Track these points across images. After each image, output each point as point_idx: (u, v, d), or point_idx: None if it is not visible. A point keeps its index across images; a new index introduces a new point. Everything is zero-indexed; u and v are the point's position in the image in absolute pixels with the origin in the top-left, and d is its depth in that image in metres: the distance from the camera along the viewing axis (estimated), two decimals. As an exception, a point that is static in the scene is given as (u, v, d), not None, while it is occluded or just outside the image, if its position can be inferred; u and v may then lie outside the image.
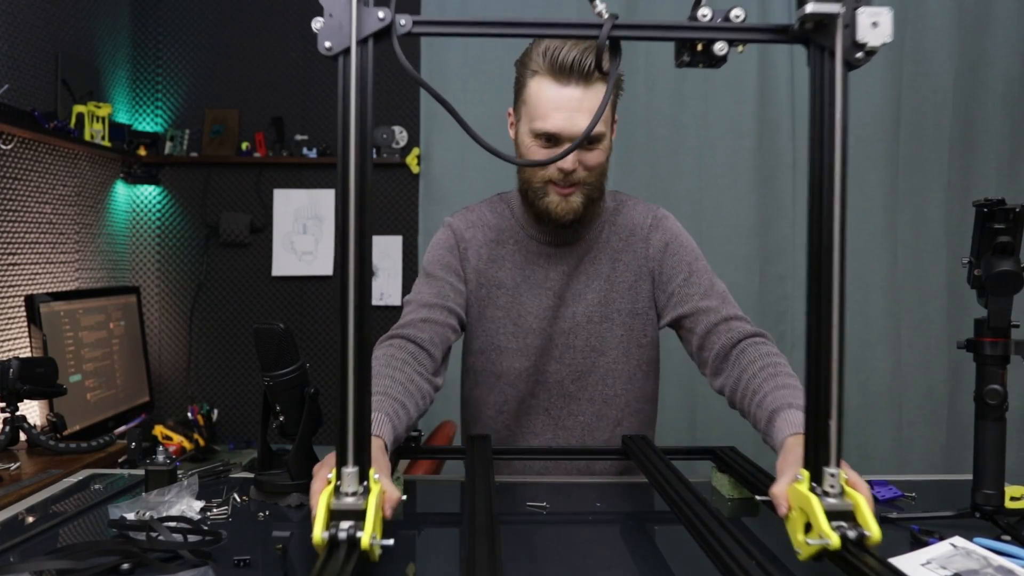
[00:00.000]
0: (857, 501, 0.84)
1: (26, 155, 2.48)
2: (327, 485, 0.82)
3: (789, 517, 0.89)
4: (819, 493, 0.85)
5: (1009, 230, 1.03)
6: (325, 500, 0.80)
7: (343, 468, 0.81)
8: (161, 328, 3.25)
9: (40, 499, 1.15)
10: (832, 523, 0.82)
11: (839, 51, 0.82)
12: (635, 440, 1.30)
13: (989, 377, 1.04)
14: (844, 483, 0.86)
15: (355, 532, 0.78)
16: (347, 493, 0.80)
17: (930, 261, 2.88)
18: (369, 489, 0.82)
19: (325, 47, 0.82)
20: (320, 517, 0.79)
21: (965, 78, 2.86)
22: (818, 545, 0.81)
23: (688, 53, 0.86)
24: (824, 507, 0.83)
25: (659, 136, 2.91)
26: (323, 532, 0.78)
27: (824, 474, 0.85)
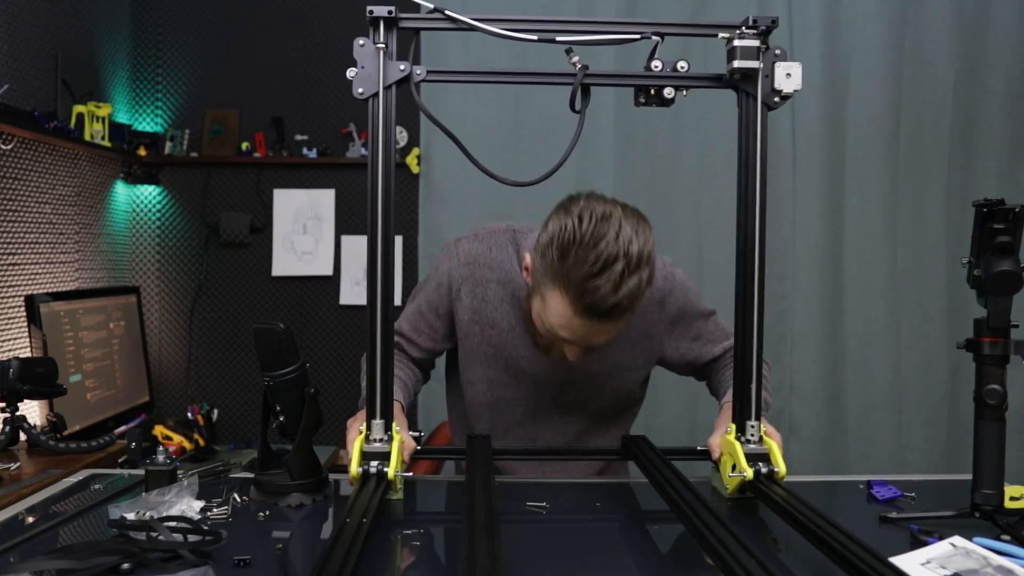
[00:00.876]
0: (771, 445, 1.12)
1: (26, 155, 2.48)
2: (359, 435, 1.09)
3: (721, 461, 1.17)
4: (742, 441, 1.13)
5: (1009, 230, 1.03)
6: (359, 444, 1.07)
7: (372, 420, 1.09)
8: (161, 328, 3.25)
9: (40, 499, 1.15)
10: (751, 463, 1.09)
11: (759, 96, 1.10)
12: (635, 440, 1.30)
13: (989, 377, 1.04)
14: (763, 434, 1.13)
15: (383, 468, 1.05)
16: (375, 439, 1.09)
17: (930, 261, 2.88)
18: (392, 437, 1.09)
19: (358, 92, 1.08)
20: (355, 457, 1.06)
21: (965, 78, 2.86)
22: (738, 477, 1.09)
23: (644, 96, 1.14)
24: (745, 450, 1.11)
25: (659, 136, 2.91)
26: (358, 468, 1.05)
27: (746, 426, 1.13)
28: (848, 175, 2.89)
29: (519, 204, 2.77)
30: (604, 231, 1.09)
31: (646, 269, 1.10)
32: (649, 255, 1.11)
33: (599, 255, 1.07)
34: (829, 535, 0.84)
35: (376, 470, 1.04)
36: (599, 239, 1.08)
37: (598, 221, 1.10)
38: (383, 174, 1.07)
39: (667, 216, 2.89)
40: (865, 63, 2.84)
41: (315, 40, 3.17)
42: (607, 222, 1.10)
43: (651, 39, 1.09)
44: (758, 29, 1.07)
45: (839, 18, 2.84)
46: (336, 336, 3.21)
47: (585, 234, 1.09)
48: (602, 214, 1.11)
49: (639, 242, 1.09)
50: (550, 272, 1.13)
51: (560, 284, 1.11)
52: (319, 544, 0.99)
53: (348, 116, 3.17)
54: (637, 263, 1.09)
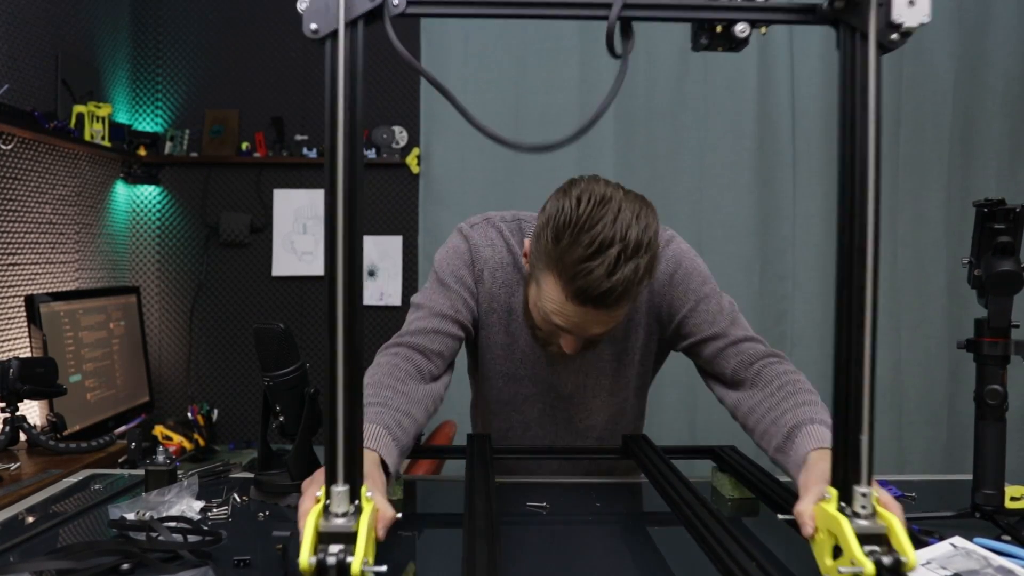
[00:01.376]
0: (891, 523, 0.77)
1: (26, 155, 2.48)
2: (316, 504, 0.75)
3: (816, 539, 0.83)
4: (849, 514, 0.78)
5: (1009, 230, 1.03)
6: (313, 521, 0.74)
7: (332, 487, 0.75)
8: (161, 328, 3.25)
9: (40, 499, 1.15)
10: (864, 547, 0.75)
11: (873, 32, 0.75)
12: (635, 440, 1.30)
13: (989, 377, 1.04)
14: (875, 502, 0.78)
15: (345, 557, 0.72)
16: (337, 514, 0.74)
17: (930, 261, 2.88)
18: (361, 509, 0.75)
19: (311, 29, 0.74)
20: (307, 540, 0.73)
21: (965, 78, 2.86)
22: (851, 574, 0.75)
23: (707, 36, 0.79)
24: (855, 529, 0.76)
25: (659, 136, 2.91)
26: (311, 557, 0.72)
27: (855, 493, 0.78)
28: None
29: (520, 203, 2.76)
30: (601, 214, 1.03)
31: (645, 256, 1.03)
32: (650, 242, 1.04)
33: (594, 238, 1.02)
34: None
35: (336, 559, 0.71)
36: (596, 222, 1.02)
37: (596, 204, 1.04)
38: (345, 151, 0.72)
39: (667, 216, 2.85)
40: (865, 63, 2.84)
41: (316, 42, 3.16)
42: (606, 205, 1.04)
43: None
44: None
45: (839, 18, 2.84)
46: (336, 336, 3.20)
47: (581, 216, 1.03)
48: (601, 197, 1.05)
49: (639, 227, 1.03)
50: (544, 255, 1.08)
51: (553, 267, 1.06)
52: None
53: (348, 116, 3.17)
54: (635, 249, 1.02)
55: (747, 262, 2.90)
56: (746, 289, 2.87)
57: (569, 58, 2.91)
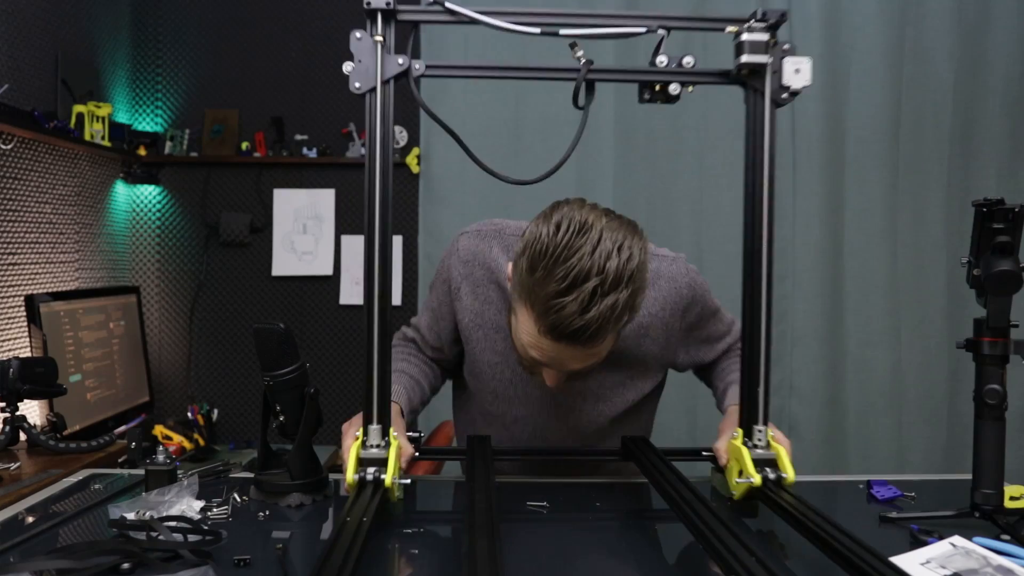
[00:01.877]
0: (779, 450, 1.07)
1: (26, 155, 2.48)
2: (356, 440, 1.04)
3: (728, 467, 1.12)
4: (749, 446, 1.08)
5: (1008, 230, 1.03)
6: (355, 450, 1.02)
7: (369, 425, 1.04)
8: (161, 328, 3.25)
9: (40, 499, 1.15)
10: (758, 468, 1.05)
11: (768, 93, 1.06)
12: (635, 441, 1.30)
13: (989, 377, 1.04)
14: (770, 438, 1.08)
15: (379, 475, 1.00)
16: (372, 445, 1.03)
17: (930, 261, 2.88)
18: (390, 443, 1.04)
19: (355, 87, 1.02)
20: (351, 463, 1.01)
21: (965, 78, 2.86)
22: (745, 483, 1.04)
23: (648, 92, 1.10)
24: (752, 456, 1.06)
25: (659, 136, 2.91)
26: (354, 475, 1.00)
27: (753, 430, 1.09)
28: (848, 175, 2.89)
29: (519, 204, 2.77)
30: (579, 244, 0.97)
31: (626, 290, 0.97)
32: (632, 275, 0.98)
33: (569, 270, 0.96)
34: (832, 537, 0.84)
35: (373, 477, 1.00)
36: (572, 253, 0.96)
37: (575, 232, 0.98)
38: (381, 172, 1.03)
39: (667, 216, 2.89)
40: (865, 63, 2.84)
41: (315, 40, 3.17)
42: (585, 234, 0.98)
43: (657, 33, 1.07)
44: (767, 23, 1.03)
45: (839, 18, 2.84)
46: (336, 336, 3.21)
47: (558, 245, 0.97)
48: (581, 224, 0.99)
49: (619, 259, 0.97)
50: (519, 285, 1.03)
51: (527, 299, 1.01)
52: (319, 544, 0.99)
53: (348, 116, 3.17)
54: (615, 283, 0.96)
55: (747, 262, 2.90)
56: (746, 289, 2.87)
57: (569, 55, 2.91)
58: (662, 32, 1.06)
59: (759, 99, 1.07)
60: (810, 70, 1.04)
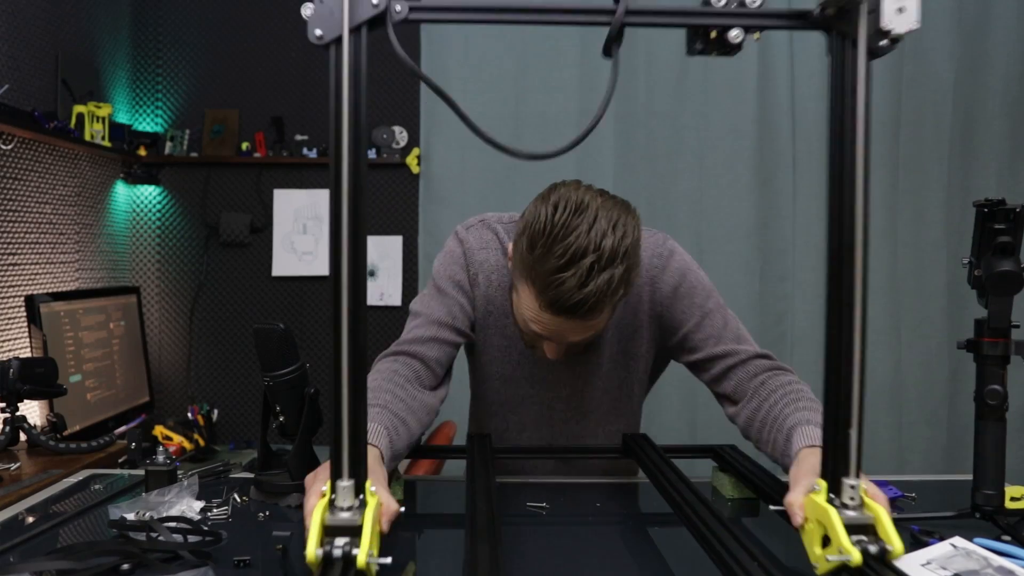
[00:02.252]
0: (878, 513, 0.80)
1: (26, 155, 2.48)
2: (321, 499, 0.78)
3: (805, 529, 0.86)
4: (837, 505, 0.81)
5: (1009, 230, 1.03)
6: (319, 515, 0.77)
7: (338, 481, 0.77)
8: (161, 328, 3.25)
9: (40, 499, 1.15)
10: (852, 537, 0.78)
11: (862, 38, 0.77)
12: (635, 439, 1.30)
13: (989, 377, 1.04)
14: (863, 494, 0.82)
15: (351, 549, 0.75)
16: (342, 507, 0.77)
17: (930, 261, 2.88)
18: (365, 503, 0.78)
19: (316, 35, 0.76)
20: (314, 534, 0.76)
21: (965, 78, 2.86)
22: (838, 561, 0.78)
23: (701, 41, 0.82)
24: (843, 520, 0.79)
25: (659, 136, 2.91)
26: (317, 549, 0.75)
27: (843, 485, 0.81)
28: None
29: (519, 204, 2.75)
30: (576, 223, 1.02)
31: (621, 266, 1.02)
32: (627, 252, 1.03)
33: (567, 247, 1.01)
34: None
35: (342, 551, 0.74)
36: (570, 231, 1.01)
37: (572, 212, 1.02)
38: (350, 156, 0.75)
39: (667, 216, 2.89)
40: (865, 63, 2.84)
41: (315, 40, 3.16)
42: (581, 214, 1.02)
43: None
44: None
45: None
46: (336, 336, 3.20)
47: (556, 224, 1.02)
48: (577, 204, 1.03)
49: (615, 237, 1.01)
50: (520, 263, 1.08)
51: (528, 276, 1.06)
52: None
53: (348, 116, 3.17)
54: (610, 260, 1.01)
55: (747, 262, 2.90)
56: (746, 289, 2.87)
57: (569, 60, 2.91)
58: None
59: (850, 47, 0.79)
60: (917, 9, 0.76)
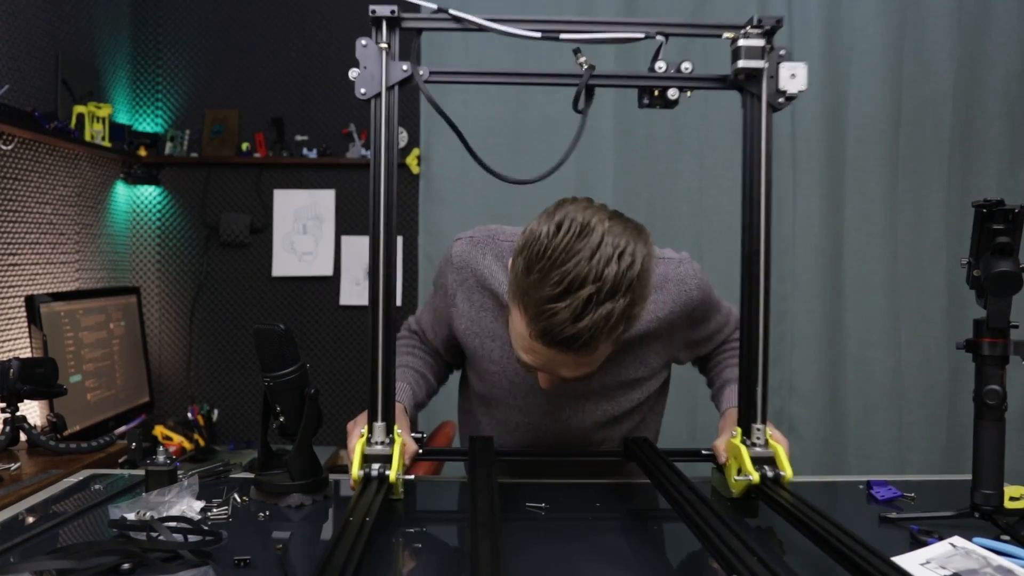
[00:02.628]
0: (777, 449, 1.09)
1: (26, 155, 2.48)
2: (360, 438, 1.07)
3: (727, 465, 1.14)
4: (748, 444, 1.10)
5: (1008, 231, 1.03)
6: (360, 447, 1.06)
7: (374, 423, 1.07)
8: (161, 328, 3.25)
9: (40, 499, 1.15)
10: (756, 466, 1.07)
11: (764, 97, 1.09)
12: (637, 442, 1.29)
13: (988, 377, 1.04)
14: (768, 437, 1.10)
15: (384, 471, 1.04)
16: (377, 442, 1.07)
17: (930, 261, 2.88)
18: (394, 440, 1.07)
19: (361, 93, 1.06)
20: (356, 460, 1.04)
21: (965, 78, 2.86)
22: (744, 481, 1.06)
23: (647, 97, 1.14)
24: (751, 454, 1.09)
25: (659, 136, 2.91)
26: (359, 471, 1.03)
27: (752, 429, 1.11)
28: (848, 175, 2.89)
29: (519, 205, 2.77)
30: (578, 248, 0.92)
31: (623, 299, 0.93)
32: (632, 283, 0.94)
33: (565, 274, 0.91)
34: (833, 536, 0.84)
35: (378, 473, 1.03)
36: (570, 256, 0.92)
37: (575, 235, 0.93)
38: (385, 175, 1.07)
39: (667, 216, 2.89)
40: (865, 63, 2.84)
41: (315, 40, 3.17)
42: (585, 237, 0.93)
43: (655, 39, 1.09)
44: (763, 29, 1.06)
45: (839, 18, 2.84)
46: (336, 336, 3.21)
47: (557, 247, 0.93)
48: (582, 225, 0.94)
49: (620, 266, 0.92)
50: (514, 284, 0.99)
51: (520, 301, 0.97)
52: (319, 544, 0.99)
53: (348, 116, 3.18)
54: (612, 291, 0.92)
55: (747, 262, 2.90)
56: (746, 289, 2.87)
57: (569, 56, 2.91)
58: (660, 39, 1.09)
59: (756, 103, 1.10)
60: (806, 75, 1.08)
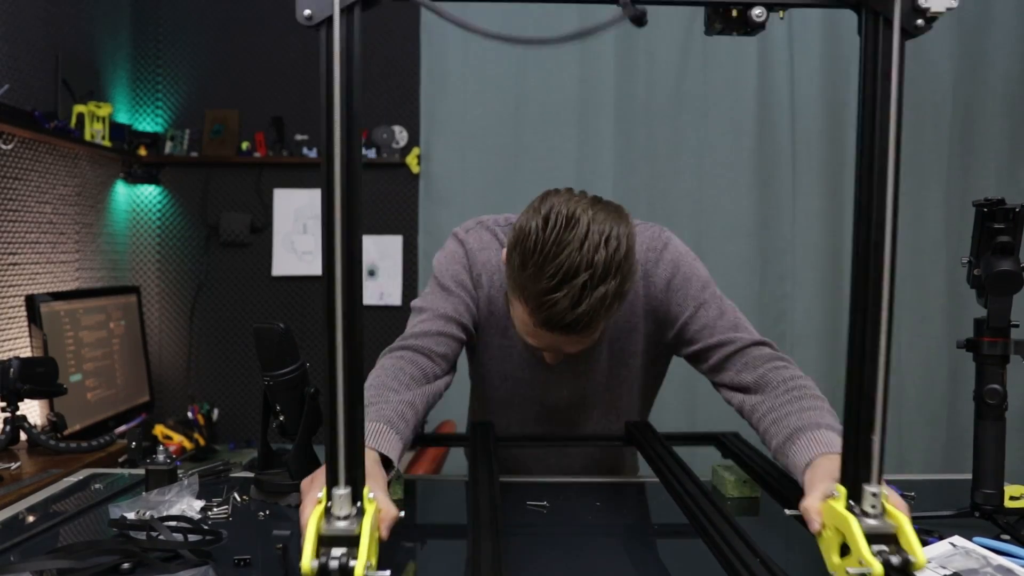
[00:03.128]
0: (900, 522, 0.75)
1: (26, 155, 2.48)
2: (317, 506, 0.74)
3: (823, 536, 0.82)
4: (858, 513, 0.77)
5: (1009, 230, 1.03)
6: (315, 524, 0.73)
7: (334, 489, 0.73)
8: (161, 328, 3.25)
9: (40, 499, 1.15)
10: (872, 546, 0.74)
11: (897, 16, 0.72)
12: (638, 427, 1.29)
13: (989, 377, 1.04)
14: (885, 501, 0.77)
15: (348, 561, 0.71)
16: (339, 516, 0.73)
17: (930, 261, 2.88)
18: (363, 510, 0.74)
19: (304, 15, 0.72)
20: (309, 544, 0.72)
21: (965, 78, 2.86)
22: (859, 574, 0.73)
23: (721, 20, 0.76)
24: (864, 529, 0.75)
25: (659, 136, 2.91)
26: (312, 561, 0.71)
27: (864, 492, 0.76)
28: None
29: (520, 203, 2.75)
30: (567, 240, 0.99)
31: (614, 280, 1.01)
32: (621, 263, 1.01)
33: (559, 267, 0.99)
34: None
35: (339, 563, 0.70)
36: (561, 248, 0.99)
37: (563, 227, 1.00)
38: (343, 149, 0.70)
39: (667, 216, 2.89)
40: (865, 63, 2.84)
41: (315, 40, 3.14)
42: (573, 228, 1.00)
43: None
44: None
45: (839, 18, 2.84)
46: (336, 336, 3.20)
47: (547, 242, 1.00)
48: (568, 217, 1.01)
49: (607, 251, 1.00)
50: (513, 279, 1.06)
51: (520, 294, 1.05)
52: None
53: (348, 116, 3.17)
54: (603, 276, 0.99)
55: (747, 262, 2.90)
56: (746, 289, 2.87)
57: (569, 55, 2.91)
58: None
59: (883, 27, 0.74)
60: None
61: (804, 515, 0.84)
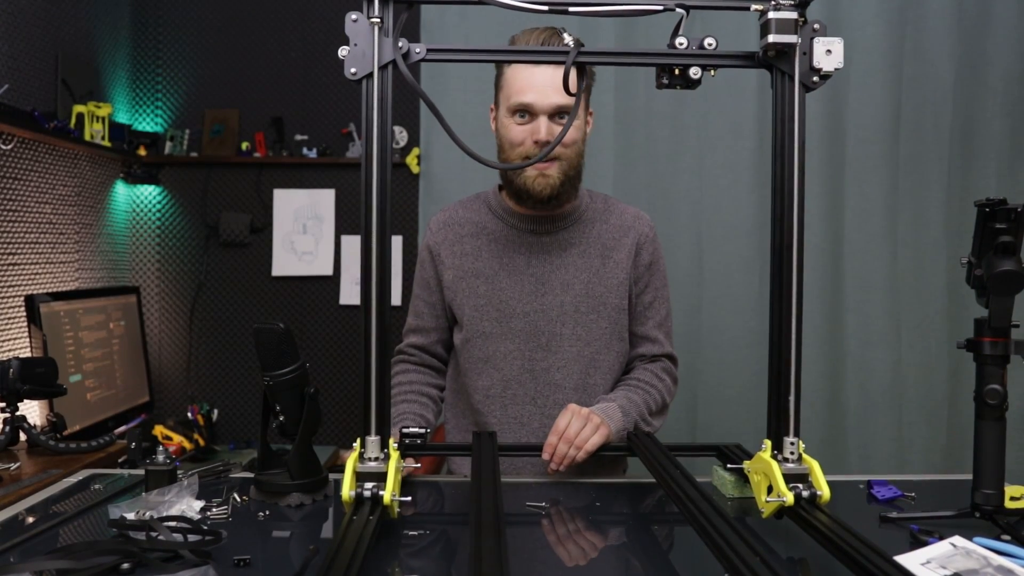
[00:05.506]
0: (812, 465, 0.99)
1: (26, 155, 2.48)
2: (353, 451, 0.98)
3: (754, 481, 1.05)
4: (779, 459, 1.00)
5: (1010, 230, 1.03)
6: (351, 465, 0.96)
7: (366, 437, 0.97)
8: (161, 328, 3.25)
9: (40, 499, 1.15)
10: (789, 484, 0.96)
11: (797, 75, 0.98)
12: (639, 436, 1.30)
13: (989, 377, 1.04)
14: (801, 451, 1.01)
15: (378, 491, 0.93)
16: (370, 458, 0.96)
17: (930, 261, 2.88)
18: (389, 455, 0.97)
19: (351, 73, 0.96)
20: (348, 478, 0.94)
21: (965, 78, 2.86)
22: (776, 502, 0.96)
23: (667, 76, 1.02)
24: (783, 471, 0.98)
25: (659, 136, 2.91)
26: (350, 491, 0.93)
27: (784, 443, 1.00)
28: (848, 175, 2.89)
29: (519, 204, 2.76)
30: None
31: None
32: None
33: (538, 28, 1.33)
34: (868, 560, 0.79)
35: (371, 493, 0.93)
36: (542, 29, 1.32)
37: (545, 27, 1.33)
38: (379, 165, 0.96)
39: (667, 216, 2.88)
40: (865, 63, 2.84)
41: (315, 40, 3.17)
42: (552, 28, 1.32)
43: (675, 11, 0.99)
44: (796, 0, 0.96)
45: (839, 18, 2.84)
46: (336, 336, 3.21)
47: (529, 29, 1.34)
48: None
49: None
50: (500, 67, 1.38)
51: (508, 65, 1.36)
52: (319, 544, 0.99)
53: (348, 116, 3.17)
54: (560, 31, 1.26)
55: (747, 262, 2.89)
56: (746, 289, 2.87)
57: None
58: (681, 12, 0.99)
59: (788, 83, 0.99)
60: (842, 51, 0.97)
61: None
